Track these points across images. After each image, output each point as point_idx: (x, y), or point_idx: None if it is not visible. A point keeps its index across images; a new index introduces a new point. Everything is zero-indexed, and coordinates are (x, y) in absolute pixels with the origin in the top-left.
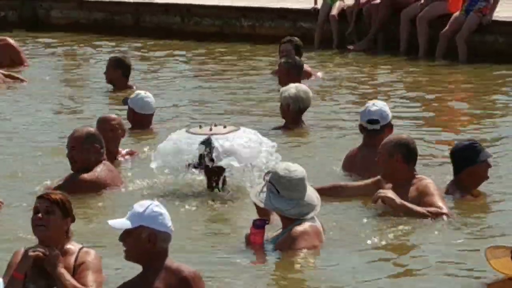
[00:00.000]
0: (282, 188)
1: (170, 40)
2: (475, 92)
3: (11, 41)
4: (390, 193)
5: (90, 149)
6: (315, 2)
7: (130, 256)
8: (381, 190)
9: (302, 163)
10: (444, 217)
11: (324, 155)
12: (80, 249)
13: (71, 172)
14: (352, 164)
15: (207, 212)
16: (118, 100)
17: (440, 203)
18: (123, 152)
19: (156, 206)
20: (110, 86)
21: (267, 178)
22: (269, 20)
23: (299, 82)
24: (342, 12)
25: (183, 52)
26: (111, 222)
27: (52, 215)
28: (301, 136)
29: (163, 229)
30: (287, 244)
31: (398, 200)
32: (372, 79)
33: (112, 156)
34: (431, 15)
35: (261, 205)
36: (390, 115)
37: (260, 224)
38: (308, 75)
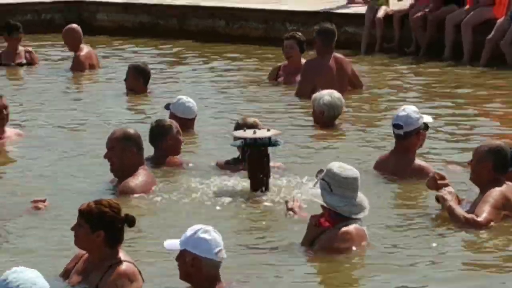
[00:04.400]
0: (335, 185)
1: (214, 43)
2: None
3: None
4: (448, 194)
5: (125, 150)
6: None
7: (180, 276)
8: (445, 189)
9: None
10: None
11: (355, 158)
12: (110, 266)
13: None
14: (383, 168)
15: (250, 213)
16: (138, 105)
17: (482, 211)
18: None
19: (204, 232)
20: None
21: (320, 175)
22: (314, 24)
23: (331, 49)
24: (387, 16)
25: (228, 56)
26: (166, 242)
27: (81, 228)
28: (333, 138)
29: (207, 256)
30: (329, 243)
31: (448, 202)
32: (415, 84)
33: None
34: (476, 21)
35: (314, 200)
36: (420, 122)
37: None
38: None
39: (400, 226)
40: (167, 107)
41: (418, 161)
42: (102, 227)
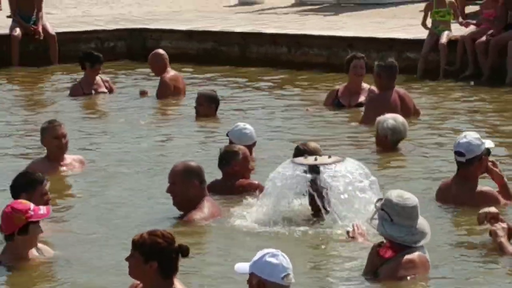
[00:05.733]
0: (395, 215)
1: (277, 70)
2: None
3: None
4: (500, 229)
5: (189, 184)
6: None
7: None
8: (500, 223)
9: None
10: None
11: (417, 183)
12: None
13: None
14: (445, 195)
15: (310, 239)
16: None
17: None
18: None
19: (272, 256)
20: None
21: (379, 205)
22: (376, 51)
23: (394, 84)
24: (450, 41)
25: (290, 82)
26: (237, 265)
27: (134, 259)
28: (395, 163)
29: (272, 280)
30: (393, 272)
31: (499, 238)
32: (477, 109)
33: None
34: None
35: (374, 231)
36: (482, 148)
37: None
38: None
39: (460, 255)
40: (227, 134)
41: (480, 187)
42: (155, 257)
